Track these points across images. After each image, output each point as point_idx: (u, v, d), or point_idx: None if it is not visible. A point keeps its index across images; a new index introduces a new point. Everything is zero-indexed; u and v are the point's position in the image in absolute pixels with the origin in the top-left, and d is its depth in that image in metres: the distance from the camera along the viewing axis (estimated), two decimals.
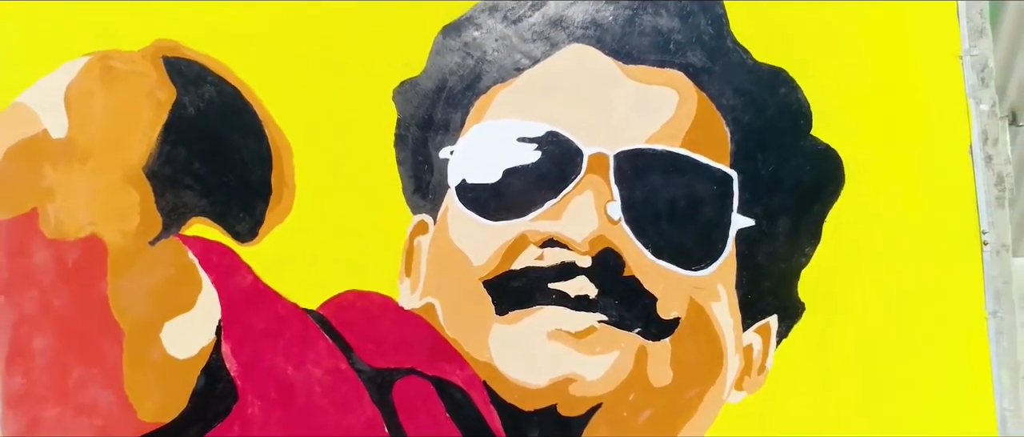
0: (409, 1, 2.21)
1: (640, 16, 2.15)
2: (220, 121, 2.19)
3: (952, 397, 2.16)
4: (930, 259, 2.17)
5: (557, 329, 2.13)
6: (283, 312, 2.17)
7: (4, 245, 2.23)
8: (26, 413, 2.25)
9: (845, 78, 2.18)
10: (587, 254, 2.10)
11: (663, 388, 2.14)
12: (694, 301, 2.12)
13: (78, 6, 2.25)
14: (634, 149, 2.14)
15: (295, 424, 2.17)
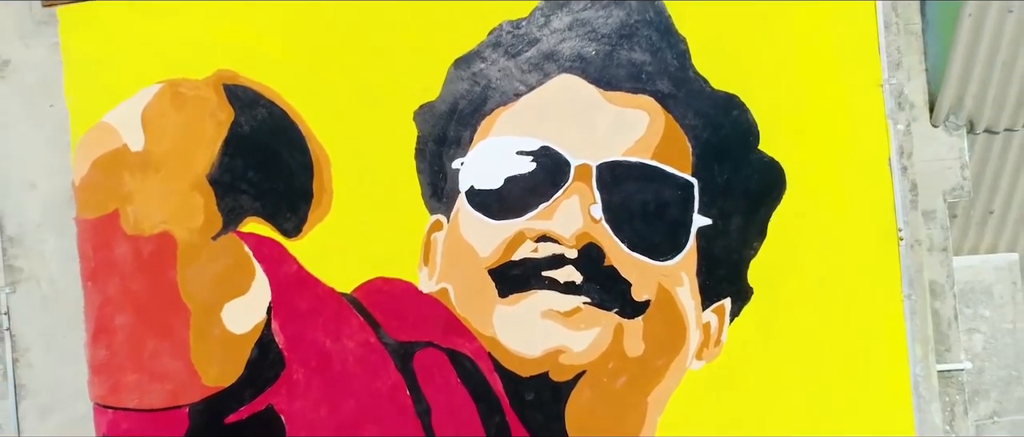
0: (427, 37, 2.75)
1: (618, 51, 2.70)
2: (270, 137, 2.73)
3: (874, 365, 2.70)
4: (856, 252, 2.71)
5: (549, 309, 2.67)
6: (322, 295, 2.71)
7: (91, 240, 2.78)
8: (109, 379, 2.79)
9: (787, 103, 2.72)
10: (574, 247, 2.65)
11: (636, 358, 2.68)
12: (662, 286, 2.67)
13: (152, 41, 2.79)
14: (613, 160, 2.68)
15: (332, 388, 2.71)
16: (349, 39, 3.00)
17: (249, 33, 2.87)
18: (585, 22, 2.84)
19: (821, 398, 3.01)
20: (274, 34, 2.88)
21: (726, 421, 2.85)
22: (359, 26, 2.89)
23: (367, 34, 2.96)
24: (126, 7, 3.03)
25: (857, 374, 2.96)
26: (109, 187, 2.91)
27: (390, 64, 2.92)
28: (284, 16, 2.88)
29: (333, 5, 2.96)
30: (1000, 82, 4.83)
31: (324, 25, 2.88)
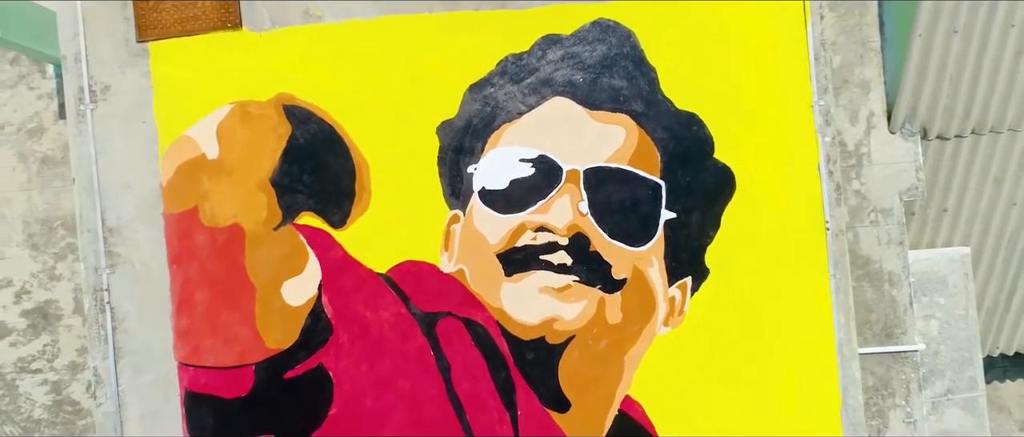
0: (446, 68, 3.53)
1: (600, 79, 3.44)
2: (321, 148, 3.46)
3: (806, 330, 3.42)
4: (793, 239, 3.43)
5: (545, 286, 3.40)
6: (363, 275, 3.45)
7: (175, 230, 3.52)
8: (190, 343, 3.52)
9: (737, 120, 3.43)
10: (565, 236, 3.38)
11: (616, 324, 3.42)
12: (636, 267, 3.41)
13: (225, 70, 3.52)
14: (597, 166, 3.41)
15: (371, 349, 3.45)
16: (384, 69, 3.47)
17: (304, 64, 3.49)
18: (574, 55, 3.48)
19: (763, 356, 3.60)
20: (324, 65, 3.48)
21: (688, 375, 3.48)
22: (392, 58, 3.51)
23: (398, 65, 3.49)
24: (204, 42, 3.55)
25: (793, 337, 3.64)
26: (190, 188, 3.47)
27: (417, 89, 3.47)
28: (332, 51, 3.51)
29: (371, 42, 3.48)
30: (949, 94, 5.58)
31: (364, 58, 3.50)
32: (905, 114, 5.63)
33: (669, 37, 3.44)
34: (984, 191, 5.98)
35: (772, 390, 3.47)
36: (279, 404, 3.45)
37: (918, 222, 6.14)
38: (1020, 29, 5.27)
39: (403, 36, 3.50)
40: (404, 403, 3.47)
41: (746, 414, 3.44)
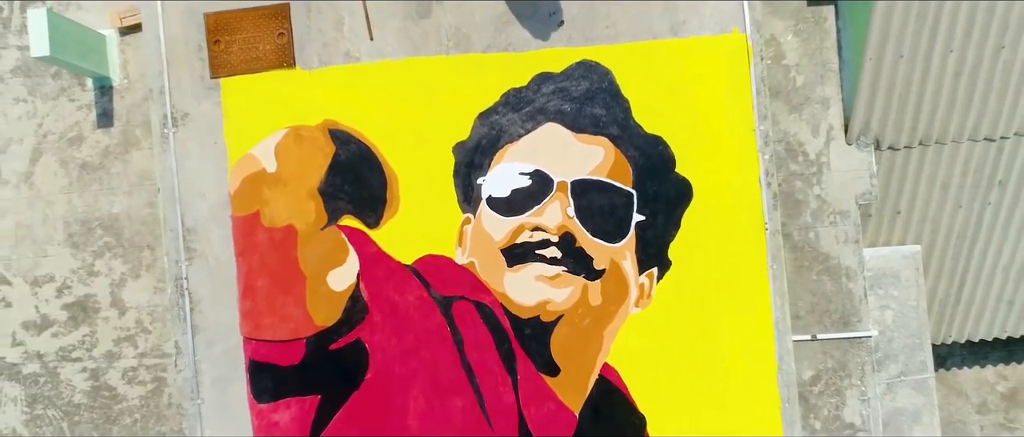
0: (461, 100, 4.57)
1: (584, 108, 4.48)
2: (359, 163, 4.49)
3: (749, 310, 4.44)
4: (738, 237, 4.46)
5: (540, 275, 4.43)
6: (393, 266, 4.48)
7: (241, 230, 4.56)
8: (253, 320, 4.56)
9: (694, 142, 4.46)
10: (556, 235, 4.40)
11: (596, 306, 4.45)
12: (613, 260, 4.45)
13: (281, 100, 4.55)
14: (581, 178, 4.44)
15: (399, 326, 4.49)
16: (409, 99, 4.42)
17: (345, 96, 4.39)
18: (563, 89, 4.41)
19: (715, 332, 4.44)
20: (362, 97, 4.37)
21: (654, 347, 4.42)
22: (416, 91, 4.40)
23: (421, 96, 4.35)
24: (265, 78, 4.61)
25: (739, 316, 4.60)
26: (252, 196, 4.43)
27: (436, 116, 4.36)
28: (368, 85, 4.39)
29: (399, 78, 4.32)
30: (898, 110, 6.63)
31: (393, 90, 4.41)
32: (860, 128, 6.68)
33: (639, 75, 4.47)
34: (933, 195, 7.00)
35: (722, 359, 4.49)
36: (325, 370, 4.47)
37: (874, 223, 7.17)
38: (958, 54, 6.30)
39: (425, 73, 4.53)
40: (426, 369, 4.50)
41: (700, 378, 4.47)
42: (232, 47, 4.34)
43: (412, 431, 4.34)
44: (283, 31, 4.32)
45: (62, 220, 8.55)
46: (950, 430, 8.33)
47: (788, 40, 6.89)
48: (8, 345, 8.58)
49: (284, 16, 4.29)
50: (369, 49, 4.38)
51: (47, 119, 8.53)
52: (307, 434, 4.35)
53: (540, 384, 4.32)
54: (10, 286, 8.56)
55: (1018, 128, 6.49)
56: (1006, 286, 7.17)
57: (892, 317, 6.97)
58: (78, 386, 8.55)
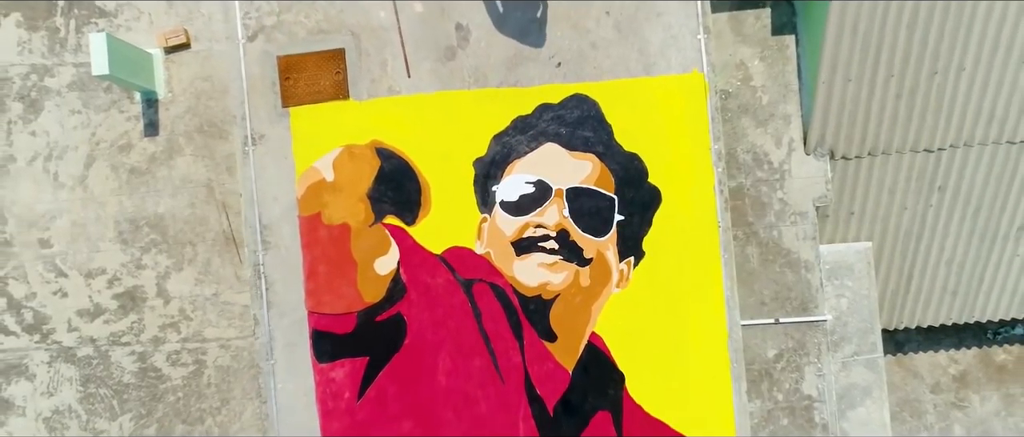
0: (480, 125, 6.23)
1: (576, 131, 6.15)
2: (399, 175, 6.15)
3: (706, 291, 6.10)
4: (698, 233, 6.13)
5: (541, 263, 6.13)
6: (425, 255, 6.17)
7: (306, 227, 6.22)
8: (315, 298, 6.23)
9: (663, 157, 6.12)
10: (554, 231, 6.07)
11: (586, 287, 6.15)
12: (599, 251, 6.15)
13: (338, 124, 6.21)
14: (574, 186, 6.13)
15: (430, 302, 6.17)
16: (439, 124, 6.10)
17: (388, 121, 5.95)
18: (560, 116, 6.17)
19: (679, 308, 6.14)
20: (401, 122, 5.99)
21: (631, 319, 6.04)
22: (444, 117, 5.99)
23: (448, 121, 6.06)
24: (324, 107, 6.24)
25: (698, 295, 6.25)
26: (315, 200, 6.28)
27: (460, 137, 6.13)
28: (407, 112, 5.96)
29: (431, 107, 6.01)
30: (848, 125, 8.30)
31: (426, 117, 5.97)
32: (817, 140, 8.37)
33: (620, 105, 6.14)
34: (881, 199, 8.68)
35: (685, 329, 6.15)
36: (372, 337, 6.14)
37: (830, 223, 8.84)
38: (898, 78, 7.97)
39: (451, 104, 6.19)
40: (451, 336, 6.16)
41: (668, 344, 6.13)
42: (299, 83, 5.98)
43: (441, 385, 6.01)
44: (339, 70, 5.96)
45: (113, 219, 10.19)
46: (907, 408, 10.01)
47: (755, 65, 8.55)
48: (65, 331, 10.15)
49: (340, 59, 5.93)
50: (407, 84, 6.03)
51: (99, 129, 10.14)
52: (358, 388, 6.00)
53: (541, 348, 5.99)
54: (66, 278, 10.13)
55: (952, 141, 8.14)
56: (949, 278, 8.83)
57: (846, 304, 8.62)
58: (127, 368, 10.15)
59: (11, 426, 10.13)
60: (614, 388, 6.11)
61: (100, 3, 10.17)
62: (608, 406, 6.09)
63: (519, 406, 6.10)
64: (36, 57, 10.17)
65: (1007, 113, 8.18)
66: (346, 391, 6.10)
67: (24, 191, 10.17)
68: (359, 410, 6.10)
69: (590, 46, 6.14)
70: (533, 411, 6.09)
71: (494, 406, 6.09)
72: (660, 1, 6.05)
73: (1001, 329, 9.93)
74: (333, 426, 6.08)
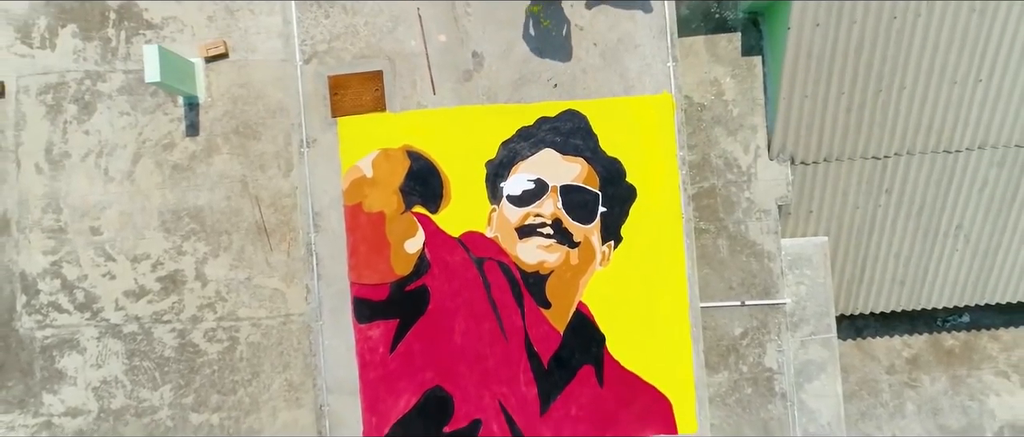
0: (490, 133, 8.41)
1: (568, 140, 8.37)
2: (425, 172, 8.40)
3: (672, 270, 8.34)
4: (665, 223, 8.35)
5: (539, 245, 8.40)
6: (446, 238, 8.41)
7: (349, 214, 8.44)
8: (356, 271, 8.47)
9: (638, 161, 8.34)
10: (549, 220, 8.37)
11: (575, 265, 8.40)
12: (586, 236, 8.38)
13: (375, 132, 8.40)
14: (566, 184, 8.40)
15: (449, 276, 8.41)
16: (457, 132, 8.42)
17: (417, 129, 8.35)
18: (556, 127, 8.48)
19: (651, 283, 8.40)
20: (428, 129, 8.36)
21: (612, 292, 8.30)
22: (462, 127, 8.34)
23: (465, 131, 8.37)
24: (366, 118, 8.43)
25: (666, 274, 8.44)
26: (357, 192, 8.48)
27: (475, 143, 8.44)
28: (432, 122, 8.39)
29: (451, 118, 8.39)
30: (806, 135, 10.50)
31: (447, 126, 8.30)
32: (779, 147, 10.52)
33: (604, 119, 8.33)
34: (836, 199, 10.83)
35: (655, 299, 8.33)
36: (402, 304, 8.32)
37: (792, 219, 11.00)
38: (847, 96, 10.12)
39: (468, 116, 8.38)
40: (465, 304, 8.33)
41: (641, 311, 8.32)
42: (345, 98, 8.14)
43: (457, 344, 8.17)
44: (378, 88, 8.13)
45: (157, 210, 12.36)
46: (865, 387, 12.17)
47: (727, 81, 10.73)
48: (112, 310, 12.29)
49: (379, 79, 8.11)
50: (433, 100, 8.20)
51: (146, 129, 12.31)
52: (390, 344, 8.15)
53: (538, 314, 8.15)
54: (115, 262, 12.29)
55: (896, 150, 10.31)
56: (897, 269, 11.01)
57: (805, 290, 10.76)
58: (168, 343, 12.30)
59: (64, 394, 12.23)
60: (597, 347, 8.27)
61: (148, 16, 12.29)
62: (592, 361, 8.25)
63: (520, 361, 8.25)
64: (90, 64, 12.32)
65: (942, 126, 10.32)
66: (380, 347, 8.25)
67: (78, 184, 12.30)
68: (390, 362, 8.25)
69: (581, 71, 8.31)
70: (531, 365, 8.25)
71: (499, 361, 8.25)
72: (637, 36, 8.20)
73: (949, 318, 12.09)
74: (369, 375, 8.23)
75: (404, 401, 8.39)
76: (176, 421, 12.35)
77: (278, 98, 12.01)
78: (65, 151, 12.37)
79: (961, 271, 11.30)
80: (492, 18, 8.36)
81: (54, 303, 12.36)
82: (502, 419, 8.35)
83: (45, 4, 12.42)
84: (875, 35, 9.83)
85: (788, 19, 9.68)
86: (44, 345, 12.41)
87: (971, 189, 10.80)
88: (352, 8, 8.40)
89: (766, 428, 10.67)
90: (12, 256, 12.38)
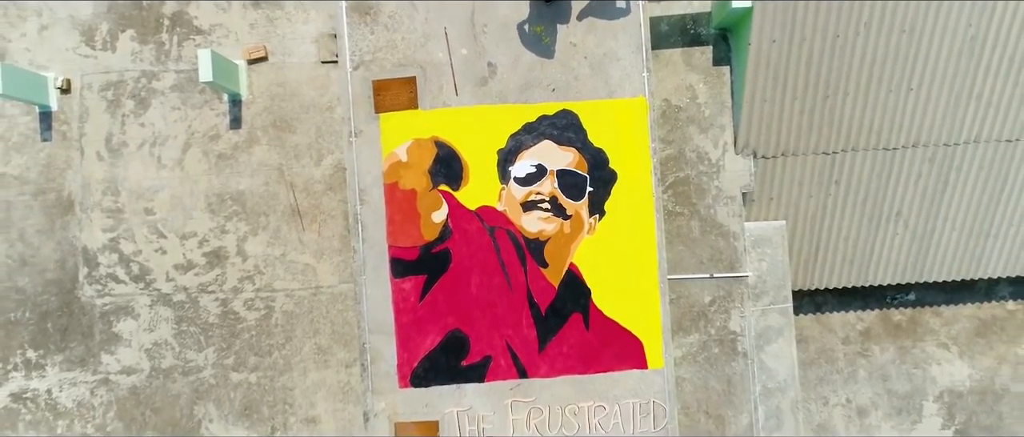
0: (501, 129, 11.91)
1: (563, 133, 11.97)
2: (449, 158, 12.07)
3: (645, 242, 11.86)
4: (639, 201, 11.92)
5: (539, 217, 12.08)
6: (465, 210, 12.05)
7: (388, 190, 12.02)
8: (393, 236, 12.14)
9: (619, 151, 11.91)
10: (548, 197, 12.03)
11: (567, 233, 12.13)
12: (577, 210, 12.05)
13: (409, 126, 11.91)
14: (562, 168, 12.10)
15: (467, 241, 12.03)
16: (475, 126, 11.97)
17: (444, 123, 11.93)
18: (553, 123, 12.01)
19: (627, 247, 11.98)
20: (452, 123, 11.93)
21: (596, 254, 12.08)
22: (479, 122, 11.96)
23: (481, 125, 11.97)
24: (402, 114, 11.86)
25: (639, 242, 11.95)
26: (394, 173, 12.00)
27: (488, 135, 12.00)
28: (455, 118, 11.95)
29: (471, 116, 11.97)
30: (766, 134, 14.01)
31: (468, 121, 11.94)
32: (743, 144, 14.03)
33: (592, 117, 11.89)
34: (793, 188, 14.36)
35: (632, 262, 11.89)
36: (429, 263, 11.89)
37: (757, 205, 14.50)
38: (800, 101, 13.63)
39: (483, 113, 11.95)
40: (480, 264, 11.90)
41: (620, 271, 11.88)
42: (386, 97, 11.64)
43: (473, 295, 11.71)
44: (412, 90, 11.65)
45: (203, 193, 15.82)
46: (823, 356, 15.65)
47: (700, 87, 14.22)
48: (164, 281, 15.73)
49: (413, 83, 11.64)
50: (456, 100, 11.72)
51: (194, 122, 15.77)
52: (419, 295, 11.64)
53: (538, 272, 11.65)
54: (166, 239, 15.74)
55: (843, 146, 13.81)
56: (846, 250, 14.53)
57: (766, 267, 14.22)
58: (212, 311, 15.72)
59: (120, 355, 15.65)
60: (584, 298, 11.77)
61: (197, 23, 15.76)
62: (580, 310, 11.77)
63: (523, 309, 11.74)
64: (145, 64, 15.79)
65: (881, 127, 13.85)
66: (411, 297, 11.74)
67: (134, 170, 15.76)
68: (420, 309, 11.75)
69: (574, 79, 11.83)
70: (532, 313, 11.75)
71: (506, 309, 11.73)
72: (619, 51, 11.68)
73: (897, 295, 15.61)
74: (402, 319, 11.74)
75: (430, 340, 11.86)
76: (218, 379, 15.72)
77: (311, 96, 15.50)
78: (123, 141, 15.83)
79: (902, 252, 14.80)
80: (503, 36, 11.86)
81: (112, 275, 15.79)
82: (508, 355, 11.82)
83: (107, 12, 15.90)
84: (822, 51, 13.33)
85: (750, 36, 13.13)
86: (103, 311, 15.82)
87: (908, 181, 14.31)
88: (392, 26, 11.90)
89: (729, 382, 14.11)
90: (75, 233, 15.80)
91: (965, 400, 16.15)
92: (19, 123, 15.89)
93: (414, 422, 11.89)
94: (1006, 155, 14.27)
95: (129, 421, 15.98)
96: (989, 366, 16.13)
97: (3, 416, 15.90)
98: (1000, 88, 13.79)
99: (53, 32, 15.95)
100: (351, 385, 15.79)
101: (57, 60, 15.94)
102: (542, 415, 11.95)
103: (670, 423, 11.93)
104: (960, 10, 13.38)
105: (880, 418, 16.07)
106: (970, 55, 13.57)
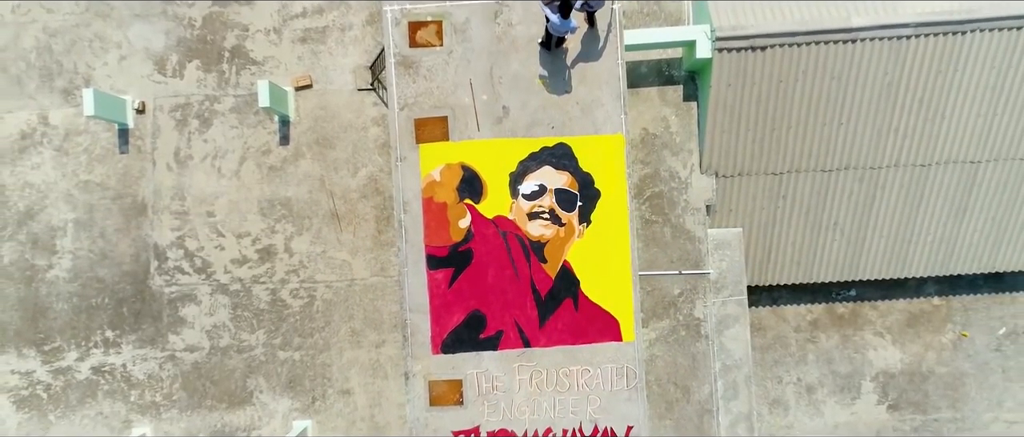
0: (513, 157, 18.55)
1: (560, 160, 18.86)
2: (472, 179, 19.16)
3: (621, 241, 18.53)
4: (617, 212, 18.68)
5: (540, 224, 19.25)
6: (484, 219, 19.41)
7: (425, 203, 18.90)
8: (428, 238, 19.15)
9: (602, 174, 18.75)
10: (548, 209, 18.99)
11: (562, 237, 19.56)
12: (569, 219, 19.34)
13: (442, 154, 18.49)
14: (559, 187, 19.18)
15: (485, 243, 19.01)
16: (492, 154, 18.72)
17: (468, 152, 18.54)
18: (553, 152, 19.15)
19: (608, 250, 18.94)
20: (475, 152, 18.53)
21: (585, 253, 19.51)
22: (495, 152, 18.76)
23: (497, 154, 18.72)
24: (436, 145, 18.65)
25: (617, 242, 18.66)
26: (429, 190, 19.02)
27: (502, 161, 18.88)
28: (478, 148, 18.64)
29: (489, 147, 18.56)
30: (725, 157, 20.69)
31: (488, 151, 18.70)
32: (707, 165, 20.94)
33: (582, 148, 18.75)
34: (747, 202, 21.34)
35: (611, 260, 18.97)
36: (456, 259, 19.13)
37: (719, 215, 21.31)
38: (753, 133, 20.40)
39: (500, 145, 19.08)
40: (495, 260, 19.10)
41: (602, 265, 18.81)
42: (424, 132, 18.46)
43: (489, 284, 18.90)
44: (444, 127, 18.54)
45: (256, 199, 22.65)
46: (778, 342, 22.34)
47: (672, 118, 21.11)
48: (222, 273, 22.49)
49: (445, 121, 18.55)
50: (478, 134, 18.45)
51: (249, 138, 22.53)
52: (448, 283, 18.49)
53: (539, 266, 18.65)
54: (224, 238, 22.52)
55: (787, 169, 20.53)
56: (793, 253, 21.39)
57: (726, 265, 20.99)
58: (263, 299, 22.44)
59: (184, 335, 22.29)
60: (574, 287, 18.72)
61: (252, 55, 22.30)
62: (571, 296, 18.78)
63: (527, 295, 18.57)
64: (208, 89, 22.40)
65: (819, 153, 20.69)
66: (442, 285, 18.60)
67: (197, 179, 22.37)
68: (448, 294, 18.61)
69: (568, 119, 18.58)
70: (534, 298, 18.70)
71: (514, 295, 18.59)
72: (603, 99, 18.29)
73: (841, 291, 22.42)
74: (435, 302, 18.63)
75: (456, 318, 18.70)
76: (267, 357, 22.33)
77: (348, 118, 22.14)
78: (189, 154, 22.38)
79: (839, 255, 21.58)
80: (515, 86, 18.62)
81: (178, 267, 22.37)
82: (515, 330, 18.60)
83: (176, 45, 22.42)
84: (769, 92, 20.06)
85: (711, 80, 19.76)
86: (170, 298, 22.41)
87: (842, 197, 21.10)
88: (429, 77, 18.52)
89: (694, 359, 20.79)
90: (148, 232, 22.39)
91: (897, 380, 22.88)
92: (101, 139, 22.45)
93: (444, 380, 18.59)
94: (922, 177, 21.03)
95: (191, 391, 22.57)
96: (917, 352, 22.88)
97: (86, 386, 22.47)
98: (913, 123, 20.54)
99: (131, 62, 22.54)
100: (380, 363, 22.49)
101: (134, 85, 22.55)
102: (542, 376, 18.67)
103: (639, 383, 18.61)
104: (879, 60, 20.07)
105: (825, 394, 22.79)
106: (888, 96, 20.24)
